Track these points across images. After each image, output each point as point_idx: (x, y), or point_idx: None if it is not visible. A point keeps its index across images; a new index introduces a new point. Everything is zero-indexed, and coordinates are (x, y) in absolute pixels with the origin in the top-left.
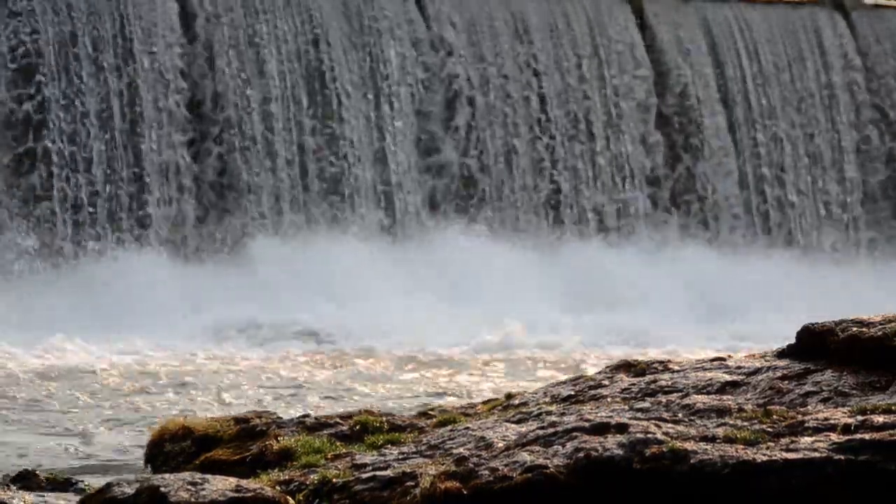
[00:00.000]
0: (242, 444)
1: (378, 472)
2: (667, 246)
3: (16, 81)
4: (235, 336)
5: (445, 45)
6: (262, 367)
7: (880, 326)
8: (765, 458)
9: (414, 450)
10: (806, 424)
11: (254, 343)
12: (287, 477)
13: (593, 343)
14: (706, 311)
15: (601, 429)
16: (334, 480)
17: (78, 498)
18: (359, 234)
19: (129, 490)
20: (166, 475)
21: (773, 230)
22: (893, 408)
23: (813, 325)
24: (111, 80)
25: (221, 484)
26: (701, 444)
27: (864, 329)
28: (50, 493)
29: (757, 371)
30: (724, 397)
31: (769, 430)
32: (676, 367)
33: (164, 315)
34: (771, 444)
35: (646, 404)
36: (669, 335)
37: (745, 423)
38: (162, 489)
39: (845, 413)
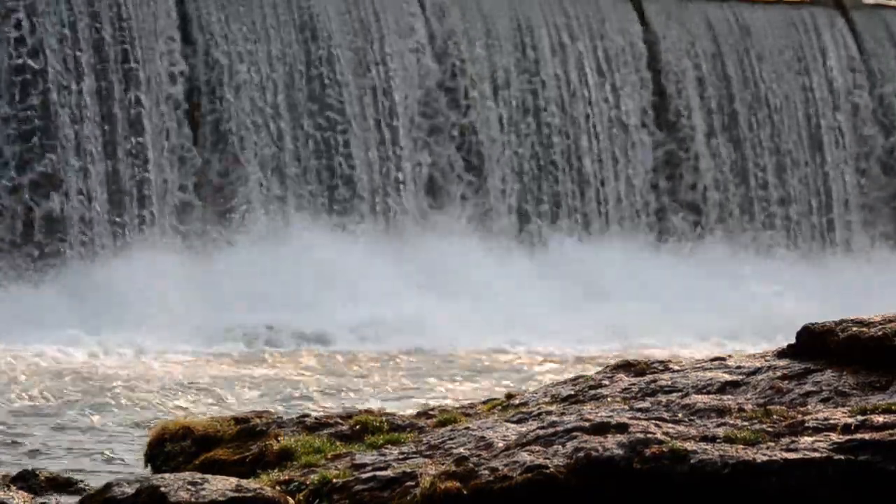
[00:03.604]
0: (242, 444)
1: (378, 472)
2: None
3: (17, 81)
4: (236, 337)
5: (445, 41)
6: (262, 368)
7: (880, 326)
8: (765, 458)
9: (414, 450)
10: (806, 424)
11: (254, 343)
12: (287, 477)
13: None
14: None
15: (601, 429)
16: (334, 480)
17: (78, 498)
18: (359, 235)
19: (129, 490)
20: (166, 475)
21: (774, 228)
22: (893, 408)
23: (813, 325)
24: (111, 79)
25: (221, 484)
26: (701, 444)
27: (864, 329)
28: (50, 493)
29: (757, 371)
30: (724, 397)
31: (769, 430)
32: (676, 367)
33: (165, 315)
34: (771, 444)
35: (646, 404)
36: None
37: (745, 423)
38: (162, 489)
39: (845, 413)
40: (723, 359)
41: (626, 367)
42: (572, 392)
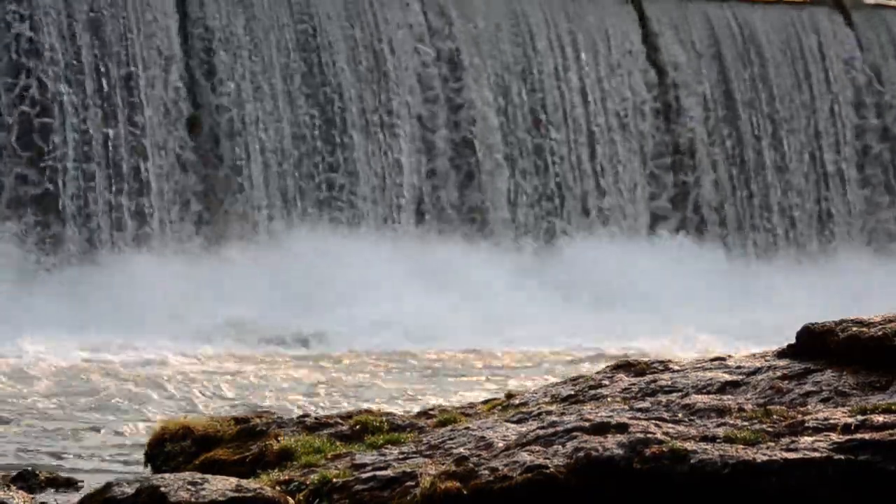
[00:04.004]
0: (242, 444)
1: (378, 472)
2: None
3: (18, 83)
4: (237, 337)
5: (446, 40)
6: (263, 368)
7: (880, 326)
8: (765, 458)
9: (414, 450)
10: (806, 424)
11: (254, 344)
12: (287, 477)
13: None
14: None
15: (601, 429)
16: (334, 480)
17: (78, 498)
18: (359, 235)
19: (129, 490)
20: (166, 475)
21: (776, 227)
22: (893, 408)
23: (813, 325)
24: (113, 79)
25: (221, 484)
26: (701, 444)
27: (864, 329)
28: (50, 493)
29: (757, 371)
30: (724, 397)
31: (769, 429)
32: (676, 367)
33: (164, 315)
34: (771, 444)
35: (646, 404)
36: None
37: (745, 423)
38: (162, 489)
39: (845, 413)
40: (723, 359)
41: (626, 367)
42: (572, 392)
